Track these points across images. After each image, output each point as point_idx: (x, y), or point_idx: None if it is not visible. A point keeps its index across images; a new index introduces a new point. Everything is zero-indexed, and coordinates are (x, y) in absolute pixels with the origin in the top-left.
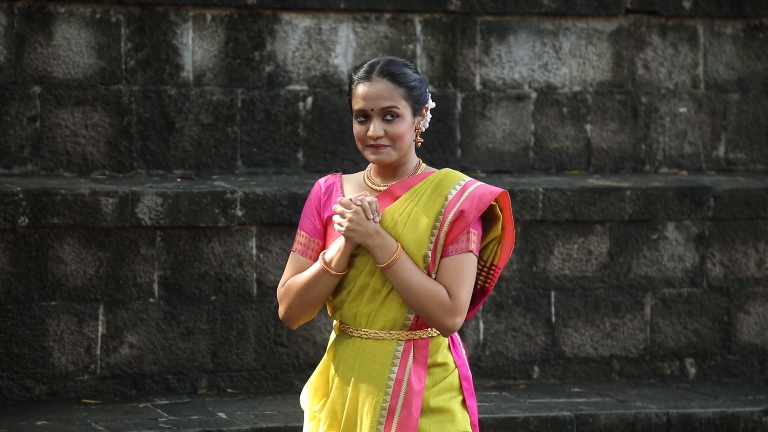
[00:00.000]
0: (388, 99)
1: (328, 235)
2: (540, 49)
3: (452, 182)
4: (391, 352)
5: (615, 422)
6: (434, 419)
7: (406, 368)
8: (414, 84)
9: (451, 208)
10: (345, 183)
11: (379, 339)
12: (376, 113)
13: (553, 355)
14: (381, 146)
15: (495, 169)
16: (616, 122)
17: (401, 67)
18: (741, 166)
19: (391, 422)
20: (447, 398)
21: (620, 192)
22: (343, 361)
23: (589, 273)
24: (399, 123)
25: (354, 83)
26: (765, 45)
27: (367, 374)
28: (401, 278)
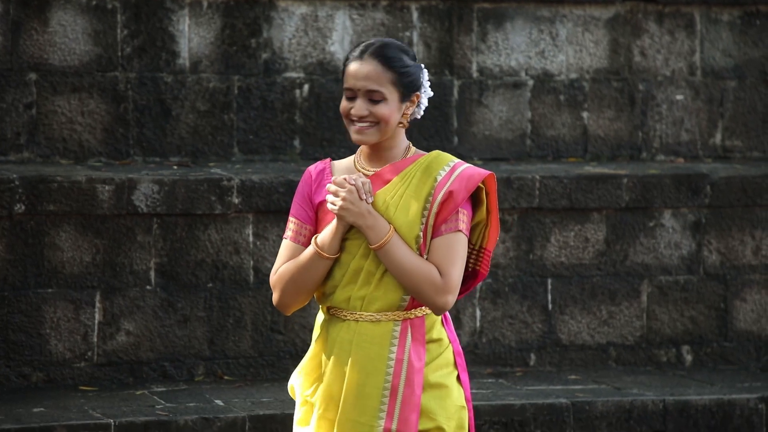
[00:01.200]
0: (374, 81)
1: (320, 221)
2: (537, 36)
3: (441, 164)
4: (389, 333)
5: (611, 409)
6: (433, 394)
7: (405, 347)
8: (405, 70)
9: (441, 189)
10: (335, 168)
11: (376, 321)
12: (361, 93)
13: (550, 343)
14: (364, 126)
15: (492, 156)
16: (613, 110)
17: (395, 51)
18: (738, 153)
19: (395, 401)
20: (444, 374)
21: (617, 179)
22: (338, 345)
23: (585, 260)
24: (383, 106)
25: (348, 60)
26: (762, 32)
27: (365, 356)
28: (393, 258)
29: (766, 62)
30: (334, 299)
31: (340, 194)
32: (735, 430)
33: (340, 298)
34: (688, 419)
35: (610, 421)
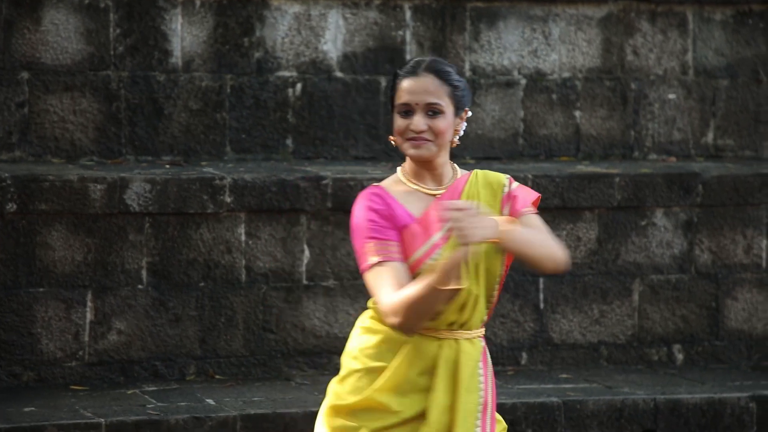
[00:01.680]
0: (433, 94)
1: (405, 244)
2: (529, 35)
3: (500, 180)
4: (478, 350)
5: (602, 408)
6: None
7: (487, 363)
8: (458, 83)
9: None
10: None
11: (471, 339)
12: (420, 107)
13: (542, 342)
14: (422, 140)
15: (484, 155)
16: (606, 109)
17: (446, 66)
18: (729, 152)
19: (486, 414)
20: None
21: (609, 178)
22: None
23: (577, 259)
24: (441, 119)
25: (399, 78)
26: (754, 31)
27: (469, 374)
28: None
29: (758, 61)
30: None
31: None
32: (725, 428)
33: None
34: (679, 418)
35: (601, 420)
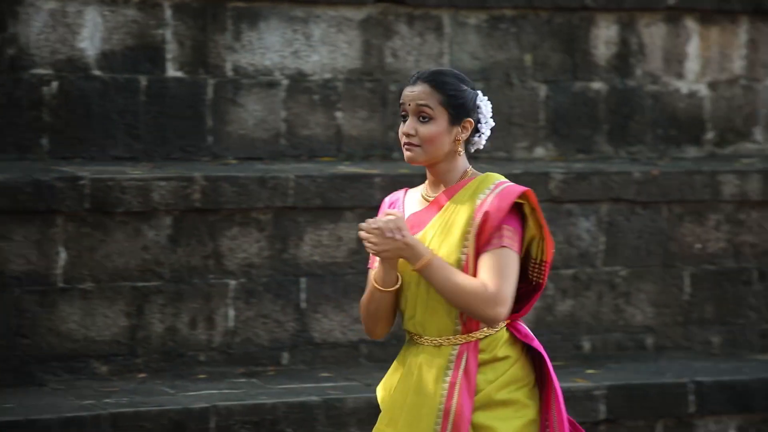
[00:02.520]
0: (424, 99)
1: None
2: (291, 36)
3: (484, 187)
4: (445, 358)
5: (362, 405)
6: (497, 412)
7: (459, 371)
8: (454, 92)
9: (480, 210)
10: (407, 197)
11: (437, 345)
12: (411, 111)
13: (303, 341)
14: (411, 145)
15: (246, 156)
16: (366, 110)
17: (447, 77)
18: (484, 153)
19: (447, 421)
20: (511, 390)
21: (369, 179)
22: (406, 367)
23: (339, 259)
24: (430, 125)
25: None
26: (506, 35)
27: (425, 379)
28: (437, 279)
29: (510, 65)
30: (406, 324)
31: (371, 239)
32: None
33: (408, 324)
34: None
35: (360, 417)
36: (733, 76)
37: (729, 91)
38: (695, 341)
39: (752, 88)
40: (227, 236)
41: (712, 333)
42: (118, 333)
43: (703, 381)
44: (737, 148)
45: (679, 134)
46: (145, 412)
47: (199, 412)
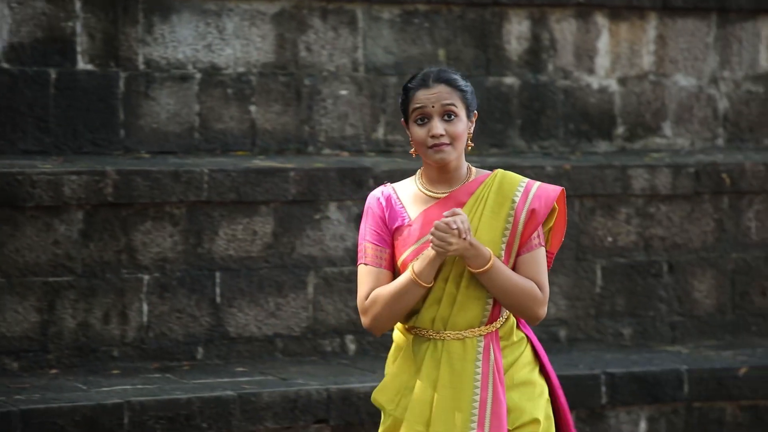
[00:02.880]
0: (447, 98)
1: (398, 246)
2: (204, 30)
3: (514, 185)
4: (473, 350)
5: (277, 400)
6: (522, 392)
7: (489, 361)
8: (467, 89)
9: (521, 209)
10: (400, 194)
11: (462, 339)
12: (436, 112)
13: (218, 336)
14: (442, 145)
15: (159, 149)
16: (280, 104)
17: (454, 74)
18: (399, 147)
19: (485, 411)
20: (528, 371)
21: (284, 173)
22: (426, 363)
23: (253, 253)
24: (457, 123)
25: (410, 92)
26: (420, 30)
27: (455, 372)
28: (497, 280)
29: (423, 60)
30: (419, 320)
31: (448, 239)
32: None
33: (425, 319)
34: (350, 407)
35: (275, 412)
36: (643, 72)
37: (638, 86)
38: (607, 333)
39: (661, 83)
40: (140, 231)
41: (623, 325)
42: (29, 329)
43: (614, 372)
44: (647, 143)
45: (591, 129)
46: (56, 408)
47: (113, 408)
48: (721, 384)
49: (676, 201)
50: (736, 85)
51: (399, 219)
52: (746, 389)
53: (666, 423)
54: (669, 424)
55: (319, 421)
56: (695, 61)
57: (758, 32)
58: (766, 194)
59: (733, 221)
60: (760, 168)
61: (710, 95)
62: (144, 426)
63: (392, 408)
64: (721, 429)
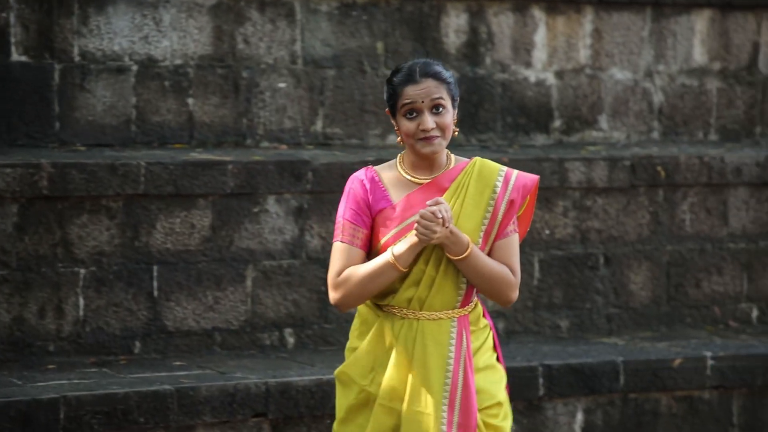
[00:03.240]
0: (436, 92)
1: (378, 227)
2: (140, 21)
3: (494, 173)
4: (447, 331)
5: (215, 394)
6: (486, 375)
7: (462, 344)
8: (451, 80)
9: (501, 199)
10: (383, 176)
11: (436, 320)
12: (426, 106)
13: (155, 330)
14: (433, 137)
15: (96, 142)
16: (218, 96)
17: (438, 66)
18: (337, 140)
19: (455, 394)
20: (489, 356)
21: (222, 166)
22: (400, 341)
23: (191, 247)
24: (445, 114)
25: (397, 86)
26: (358, 23)
27: (428, 353)
28: (475, 267)
29: (362, 52)
30: (395, 299)
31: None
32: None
33: (402, 299)
34: (289, 400)
35: (213, 406)
36: (579, 66)
37: (575, 79)
38: (544, 326)
39: (597, 77)
40: (76, 224)
41: (560, 317)
42: None
43: (551, 365)
44: (583, 136)
45: (528, 122)
46: None
47: (48, 403)
48: (657, 375)
49: (613, 194)
50: (671, 79)
51: (383, 201)
52: (681, 380)
53: (602, 414)
54: (605, 416)
55: (257, 415)
56: (631, 55)
57: (692, 26)
58: (701, 187)
59: (668, 214)
60: (695, 161)
61: (645, 89)
62: (80, 421)
63: (366, 383)
64: (657, 420)
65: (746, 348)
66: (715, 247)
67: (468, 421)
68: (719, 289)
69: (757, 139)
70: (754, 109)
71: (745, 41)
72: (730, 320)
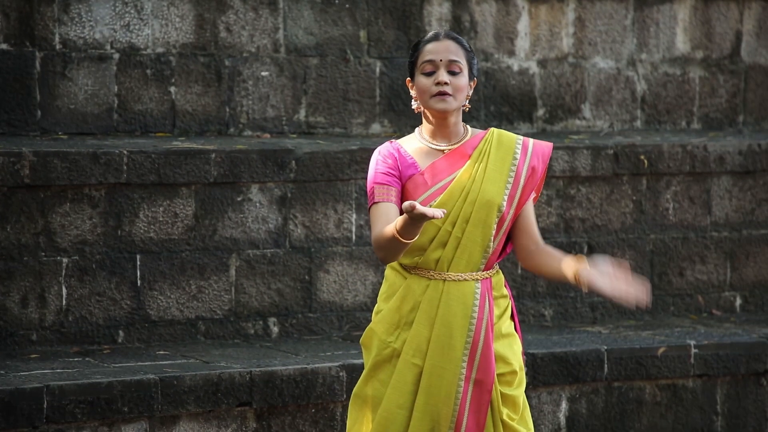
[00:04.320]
0: (454, 53)
1: (408, 192)
2: (121, 9)
3: (512, 141)
4: (471, 293)
5: (199, 383)
6: (506, 343)
7: (485, 307)
8: (472, 52)
9: (522, 166)
10: (406, 147)
11: (462, 281)
12: (443, 64)
13: (139, 319)
14: (446, 94)
15: (77, 131)
16: (201, 85)
17: (461, 37)
18: (321, 129)
19: (475, 352)
20: (509, 324)
21: (205, 154)
22: (426, 301)
23: (174, 236)
24: (461, 77)
25: (420, 44)
26: (341, 11)
27: (452, 312)
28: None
29: (345, 41)
30: (422, 261)
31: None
32: (317, 397)
33: (429, 260)
34: (273, 389)
35: (198, 395)
36: (562, 54)
37: (558, 68)
38: (528, 314)
39: (580, 65)
40: (59, 213)
41: (544, 306)
42: None
43: (536, 353)
44: (567, 125)
45: (512, 111)
46: None
47: (31, 393)
48: (640, 364)
49: (596, 182)
50: (654, 68)
51: (411, 168)
52: (664, 369)
53: (586, 403)
54: (589, 404)
55: (241, 404)
56: (613, 43)
57: (675, 15)
58: (684, 176)
59: (651, 202)
60: (677, 149)
61: (628, 77)
62: (64, 410)
63: (392, 339)
64: (640, 408)
65: (730, 336)
66: (699, 236)
67: (486, 378)
68: (703, 278)
69: (740, 128)
70: (736, 97)
71: (728, 30)
72: (714, 309)
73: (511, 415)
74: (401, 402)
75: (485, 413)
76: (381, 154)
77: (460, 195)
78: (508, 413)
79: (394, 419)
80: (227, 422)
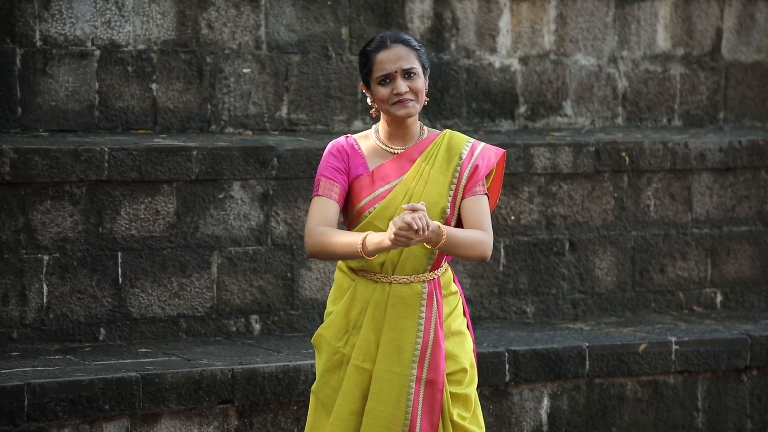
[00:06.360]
0: (406, 60)
1: (356, 193)
2: (102, 6)
3: (461, 143)
4: (418, 294)
5: (181, 380)
6: (455, 341)
7: (432, 306)
8: (421, 49)
9: (466, 165)
10: (361, 145)
11: (407, 283)
12: (399, 73)
13: (120, 317)
14: (407, 100)
15: (58, 128)
16: (182, 82)
17: (406, 35)
18: (302, 126)
19: (425, 352)
20: (460, 322)
21: (187, 152)
22: (373, 305)
23: (156, 233)
24: (417, 79)
25: (371, 54)
26: (322, 8)
27: (400, 315)
28: (451, 245)
29: (327, 38)
30: (368, 264)
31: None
32: (299, 394)
33: (374, 264)
34: (255, 387)
35: (179, 393)
36: (544, 51)
37: (540, 65)
38: (510, 311)
39: (561, 63)
40: (40, 210)
41: (526, 303)
42: None
43: (517, 350)
44: (548, 122)
45: (493, 108)
46: None
47: (12, 391)
48: (622, 360)
49: (577, 179)
50: (635, 65)
51: (360, 168)
52: (646, 365)
53: (568, 399)
54: (571, 401)
55: (223, 402)
56: (595, 40)
57: (656, 12)
58: (665, 173)
59: (632, 199)
60: (659, 146)
61: (610, 74)
62: (45, 408)
63: (341, 345)
64: (622, 404)
65: (710, 333)
66: (680, 233)
67: (437, 377)
68: (684, 275)
69: (721, 125)
70: (717, 94)
71: (708, 27)
72: (695, 305)
73: (462, 414)
74: (353, 408)
75: (439, 413)
76: (335, 148)
77: (403, 198)
78: (458, 413)
79: (346, 426)
80: (209, 420)
